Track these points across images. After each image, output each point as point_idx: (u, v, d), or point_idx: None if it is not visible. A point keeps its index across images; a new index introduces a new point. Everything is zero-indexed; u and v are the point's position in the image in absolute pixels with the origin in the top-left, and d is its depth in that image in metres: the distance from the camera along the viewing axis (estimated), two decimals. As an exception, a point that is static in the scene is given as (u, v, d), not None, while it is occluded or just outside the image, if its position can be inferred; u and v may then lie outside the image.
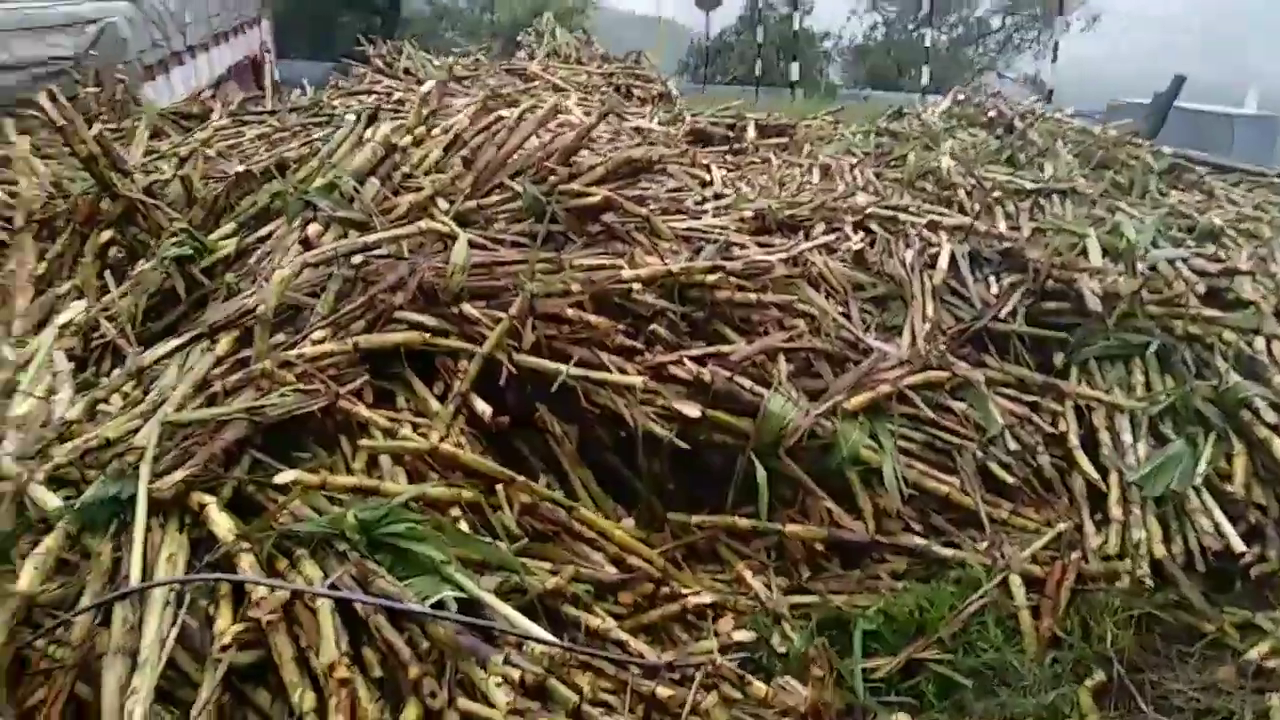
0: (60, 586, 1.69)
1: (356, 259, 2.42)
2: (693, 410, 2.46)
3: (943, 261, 3.23)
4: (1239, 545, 2.55)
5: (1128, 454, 2.80)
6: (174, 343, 2.26)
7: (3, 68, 7.66)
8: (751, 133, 5.86)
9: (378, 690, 1.61)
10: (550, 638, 1.73)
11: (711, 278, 2.82)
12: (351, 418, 2.08)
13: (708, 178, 4.28)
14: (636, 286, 2.70)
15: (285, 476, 1.78)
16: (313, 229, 2.54)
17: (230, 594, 1.69)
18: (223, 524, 1.73)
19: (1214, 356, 3.09)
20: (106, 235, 3.18)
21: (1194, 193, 4.91)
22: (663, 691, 1.72)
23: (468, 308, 2.44)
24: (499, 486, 2.13)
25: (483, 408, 2.32)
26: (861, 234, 3.47)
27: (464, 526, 1.96)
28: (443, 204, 2.79)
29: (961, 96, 6.33)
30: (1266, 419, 2.82)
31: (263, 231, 2.80)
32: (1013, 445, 2.77)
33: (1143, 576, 2.47)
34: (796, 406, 2.56)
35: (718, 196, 3.92)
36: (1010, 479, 2.71)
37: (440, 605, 1.68)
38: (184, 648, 1.62)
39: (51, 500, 1.74)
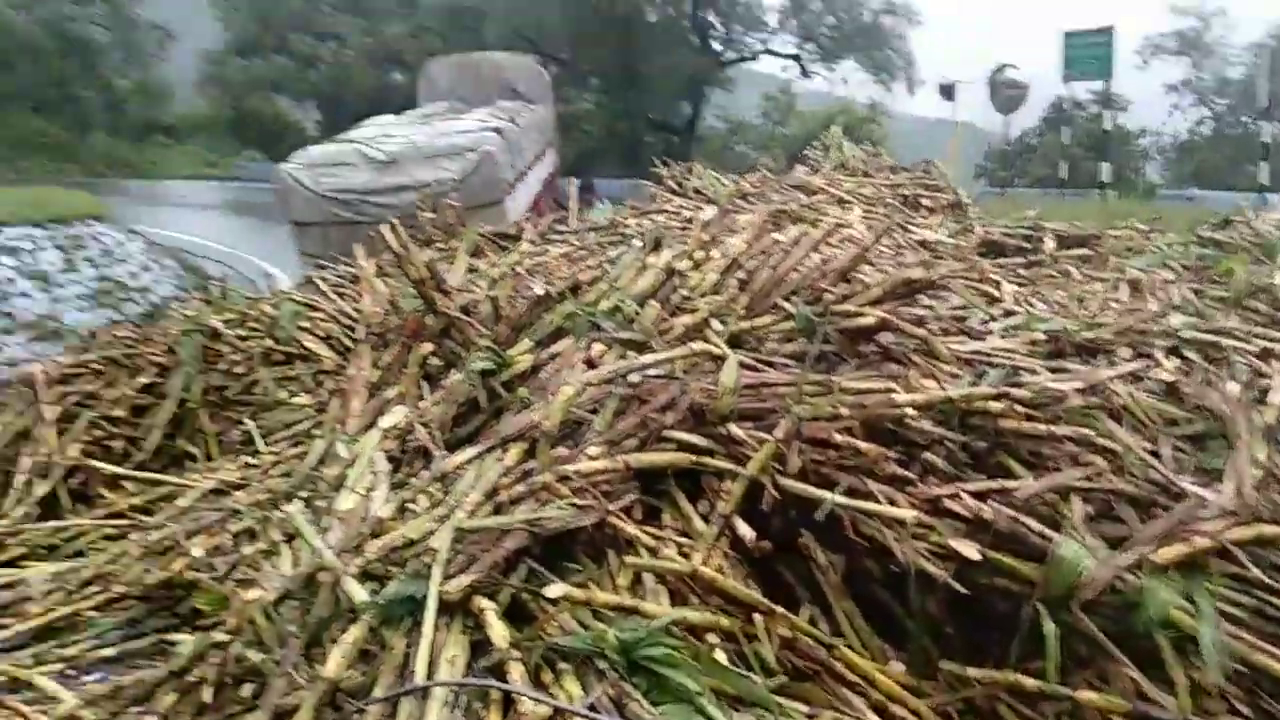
0: (359, 674, 1.88)
1: (633, 378, 2.54)
2: (971, 551, 2.30)
3: (1275, 397, 2.82)
4: None
5: None
6: (472, 451, 2.48)
7: (403, 188, 9.94)
8: (1050, 244, 5.54)
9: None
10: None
11: (996, 406, 2.66)
12: (619, 534, 2.16)
13: (996, 294, 4.09)
14: (911, 412, 2.61)
15: (555, 590, 1.88)
16: (596, 349, 2.72)
17: (500, 700, 1.79)
18: (499, 630, 1.85)
19: None
20: (428, 348, 3.60)
21: None
22: None
23: (735, 429, 2.48)
24: (758, 616, 2.10)
25: (745, 531, 2.33)
26: (1176, 361, 3.12)
27: (721, 655, 1.95)
28: (717, 325, 2.88)
29: (1306, 200, 5.61)
30: None
31: (555, 349, 3.04)
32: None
33: None
34: (1093, 555, 2.31)
35: (1007, 315, 3.72)
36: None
37: (691, 738, 1.67)
38: (457, 746, 1.73)
39: (360, 593, 1.96)
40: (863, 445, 2.49)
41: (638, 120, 31.70)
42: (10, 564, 4.00)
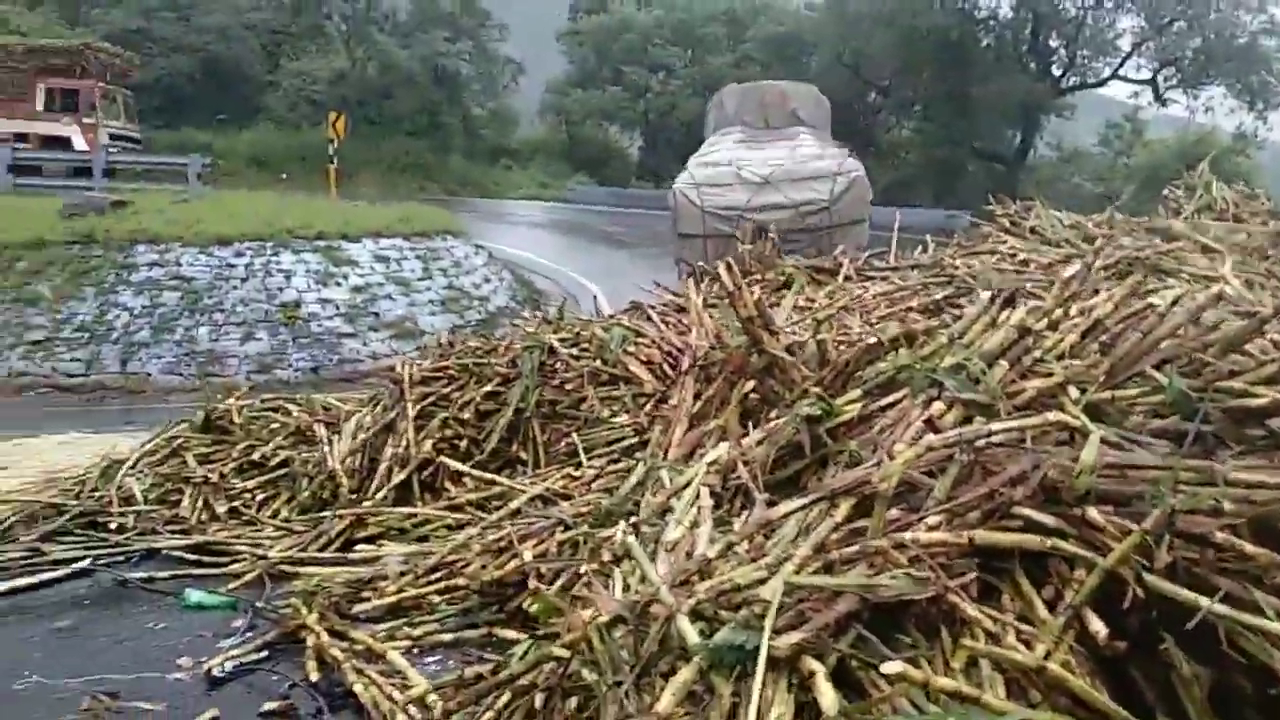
0: (685, 715, 1.92)
1: (979, 444, 2.40)
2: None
3: None
4: None
5: None
6: (799, 501, 2.46)
7: (779, 206, 12.01)
8: None
9: None
10: None
11: None
12: (957, 612, 2.04)
13: None
14: (1313, 515, 2.23)
15: (892, 667, 1.81)
16: (936, 407, 2.59)
17: (822, 768, 1.75)
18: (828, 696, 1.81)
19: None
20: (750, 385, 3.65)
21: None
22: None
23: (1093, 512, 2.25)
24: (1112, 726, 1.89)
25: (1098, 627, 2.10)
26: None
27: (1067, 765, 1.77)
28: (1074, 393, 2.64)
29: None
30: None
31: (885, 400, 2.95)
32: None
33: None
34: None
35: None
36: None
37: None
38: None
39: (692, 634, 2.00)
40: (1249, 548, 2.16)
41: (961, 148, 30.29)
42: (369, 540, 4.58)
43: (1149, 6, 25.73)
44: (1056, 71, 29.04)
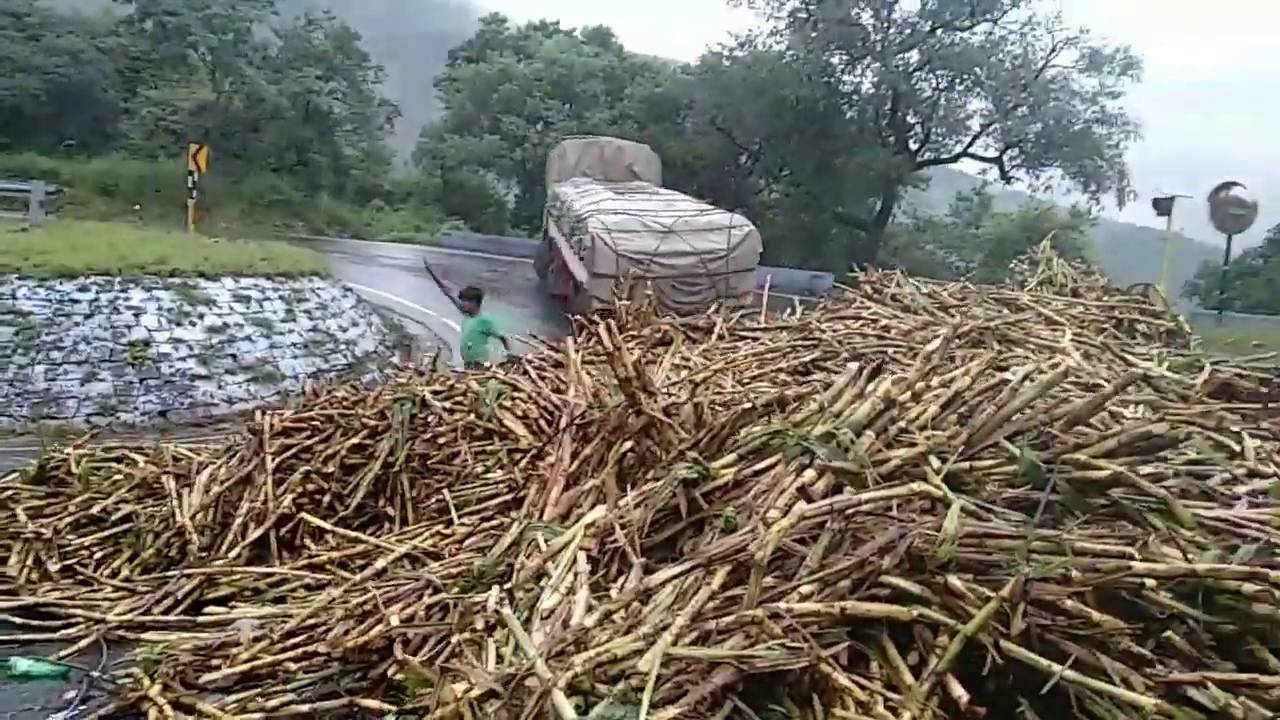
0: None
1: (848, 512, 2.47)
2: (1219, 753, 2.07)
3: None
4: None
5: None
6: (676, 568, 2.47)
7: (683, 253, 14.13)
8: (1294, 391, 5.04)
9: None
10: None
11: (1249, 587, 2.41)
12: (829, 681, 2.08)
13: (1237, 448, 3.73)
14: (1150, 583, 2.40)
15: (767, 741, 1.82)
16: (808, 474, 2.66)
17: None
18: (703, 772, 1.80)
19: None
20: (627, 445, 3.66)
21: None
22: None
23: (954, 580, 2.35)
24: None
25: (959, 693, 2.19)
26: None
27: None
28: (935, 462, 2.77)
29: None
30: None
31: (760, 465, 3.01)
32: None
33: None
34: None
35: (1251, 475, 3.38)
36: None
37: None
38: None
39: (569, 710, 1.96)
40: (1096, 615, 2.30)
41: (825, 213, 31.68)
42: (221, 601, 4.31)
43: (996, 92, 27.81)
44: (913, 146, 30.87)
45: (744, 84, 29.28)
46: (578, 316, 6.45)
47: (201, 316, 12.89)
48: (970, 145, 30.31)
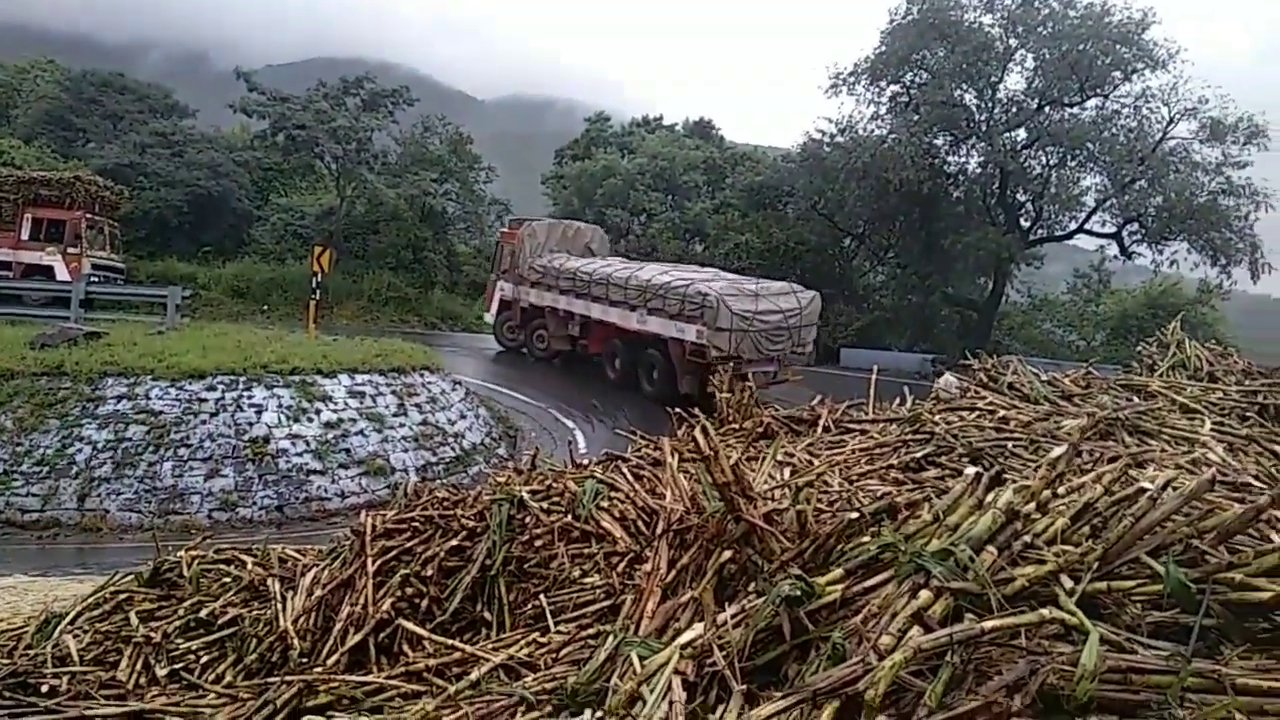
0: None
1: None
2: None
3: None
4: None
5: None
6: (780, 703, 2.26)
7: (772, 311, 18.73)
8: None
9: None
10: None
11: None
12: (954, 846, 1.83)
13: None
14: (1333, 730, 2.07)
15: None
16: (923, 596, 2.43)
17: None
18: None
19: None
20: (726, 554, 3.47)
21: None
22: None
23: (1096, 723, 2.08)
24: None
25: None
26: None
27: None
28: (1067, 582, 2.50)
29: None
30: None
31: (870, 582, 2.78)
32: None
33: None
34: None
35: None
36: None
37: None
38: None
39: None
40: (1268, 769, 1.98)
41: (933, 294, 30.95)
42: (319, 710, 4.26)
43: (1111, 167, 26.82)
44: (1024, 224, 30.00)
45: (845, 169, 29.23)
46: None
47: (319, 412, 13.35)
48: (1085, 221, 29.28)
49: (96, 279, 24.21)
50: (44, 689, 4.44)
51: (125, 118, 38.83)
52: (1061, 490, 2.87)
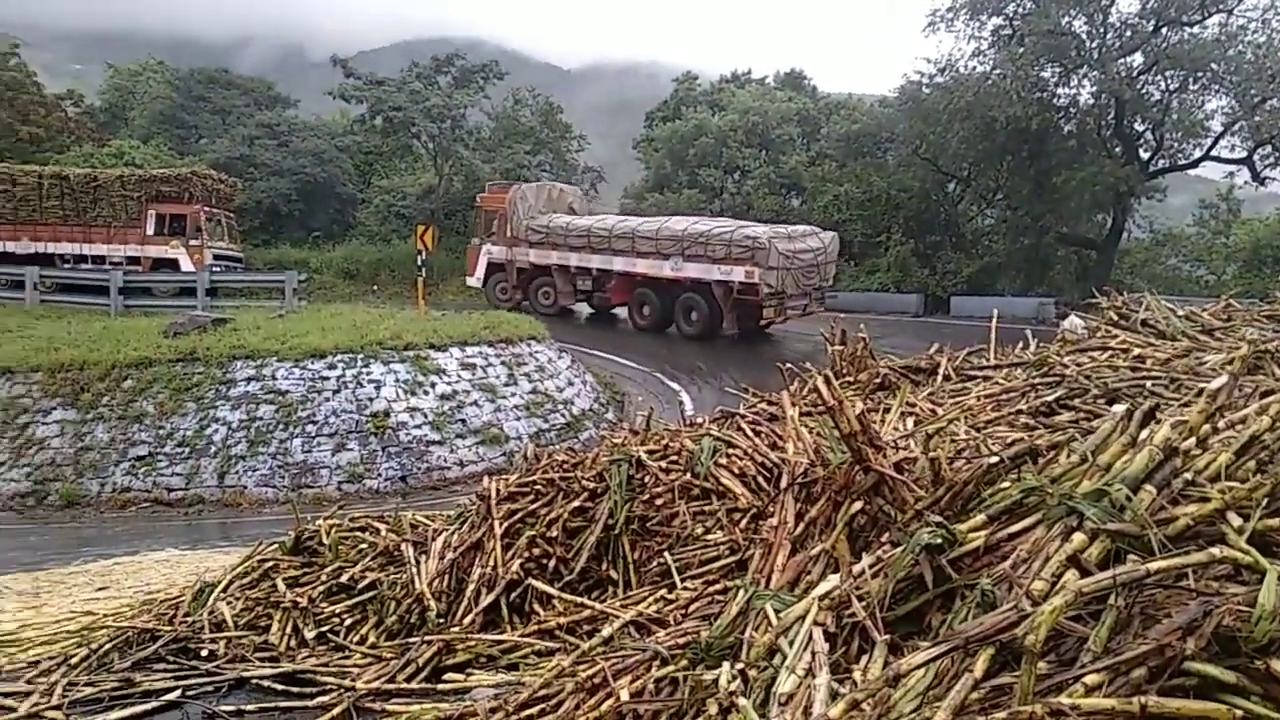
0: None
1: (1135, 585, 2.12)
2: None
3: None
4: None
5: None
6: (930, 651, 2.20)
7: (807, 250, 22.43)
8: None
9: None
10: None
11: None
12: (1132, 794, 1.75)
13: None
14: None
15: None
16: (1078, 539, 2.32)
17: None
18: None
19: None
20: (856, 506, 3.40)
21: None
22: None
23: (1278, 665, 1.95)
24: None
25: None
26: None
27: None
28: (1234, 519, 2.35)
29: None
30: None
31: (1015, 528, 2.68)
32: None
33: None
34: None
35: None
36: None
37: None
38: None
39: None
40: None
41: (1047, 235, 29.61)
42: (458, 668, 4.40)
43: (1238, 87, 25.02)
44: (1144, 155, 28.31)
45: (947, 109, 28.10)
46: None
47: (434, 385, 13.74)
48: (1212, 148, 27.46)
49: (218, 268, 25.47)
50: (204, 653, 4.72)
51: (232, 112, 40.46)
52: (1222, 424, 2.69)
